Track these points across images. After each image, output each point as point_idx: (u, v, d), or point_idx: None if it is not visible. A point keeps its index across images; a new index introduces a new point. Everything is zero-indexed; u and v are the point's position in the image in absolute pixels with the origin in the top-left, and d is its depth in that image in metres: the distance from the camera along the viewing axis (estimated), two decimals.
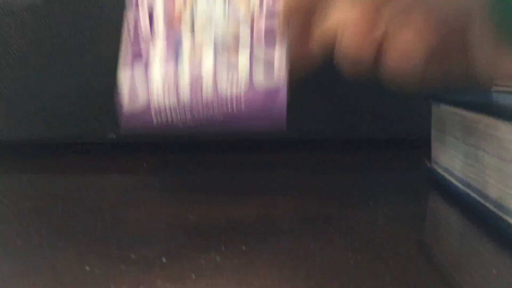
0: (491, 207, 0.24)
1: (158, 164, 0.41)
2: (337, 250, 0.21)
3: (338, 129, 0.43)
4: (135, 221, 0.25)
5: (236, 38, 0.26)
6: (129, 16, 0.28)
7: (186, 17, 0.27)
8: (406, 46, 0.22)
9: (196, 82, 0.26)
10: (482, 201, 0.25)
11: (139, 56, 0.27)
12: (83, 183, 0.34)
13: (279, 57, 0.26)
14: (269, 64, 0.26)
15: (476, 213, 0.26)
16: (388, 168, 0.38)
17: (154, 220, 0.26)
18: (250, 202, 0.29)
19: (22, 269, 0.19)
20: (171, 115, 0.26)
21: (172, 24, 0.27)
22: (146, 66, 0.27)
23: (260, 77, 0.26)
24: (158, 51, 0.27)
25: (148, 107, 0.26)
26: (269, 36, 0.26)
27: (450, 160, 0.30)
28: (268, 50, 0.26)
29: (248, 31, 0.26)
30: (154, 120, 0.26)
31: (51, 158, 0.44)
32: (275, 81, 0.26)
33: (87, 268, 0.19)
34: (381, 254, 0.21)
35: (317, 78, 0.42)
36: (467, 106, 0.27)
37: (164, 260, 0.20)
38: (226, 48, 0.26)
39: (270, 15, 0.26)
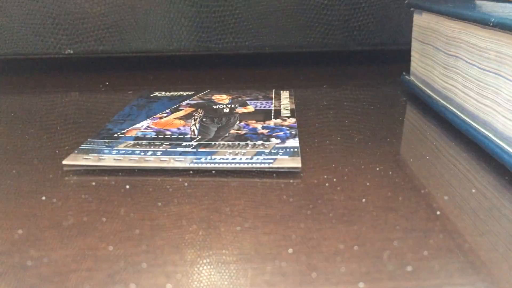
0: (468, 120, 0.23)
1: (120, 81, 0.38)
2: (313, 174, 0.20)
3: (316, 41, 0.41)
4: None
5: None
6: None
7: None
8: None
9: None
10: (459, 114, 0.24)
11: None
12: (41, 101, 0.32)
13: None
14: None
15: (453, 126, 0.25)
16: (365, 82, 0.37)
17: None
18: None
19: None
20: None
21: None
22: None
23: None
24: None
25: None
26: None
27: (429, 72, 0.29)
28: None
29: None
30: None
31: (5, 75, 0.41)
32: None
33: (43, 197, 0.18)
34: (358, 174, 0.20)
35: None
36: (449, 14, 0.25)
37: (127, 187, 0.19)
38: None
39: None
